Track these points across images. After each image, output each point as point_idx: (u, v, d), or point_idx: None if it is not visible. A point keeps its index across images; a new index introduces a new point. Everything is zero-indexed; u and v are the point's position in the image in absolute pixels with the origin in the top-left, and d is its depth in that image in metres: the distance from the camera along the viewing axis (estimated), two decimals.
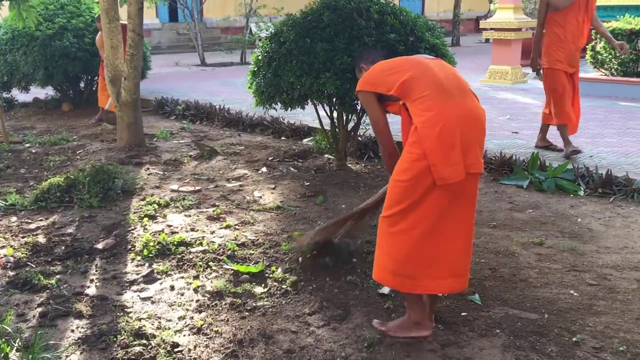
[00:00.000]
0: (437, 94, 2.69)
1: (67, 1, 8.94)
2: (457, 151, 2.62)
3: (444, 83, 2.74)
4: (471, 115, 2.72)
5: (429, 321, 2.85)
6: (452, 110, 2.66)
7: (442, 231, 2.69)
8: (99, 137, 7.22)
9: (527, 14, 12.59)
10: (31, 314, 3.06)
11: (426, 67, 2.81)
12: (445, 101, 2.68)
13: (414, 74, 2.75)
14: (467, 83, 2.85)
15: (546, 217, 4.38)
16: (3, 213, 4.55)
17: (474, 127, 2.71)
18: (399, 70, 2.80)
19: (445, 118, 2.64)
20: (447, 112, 2.65)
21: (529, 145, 6.21)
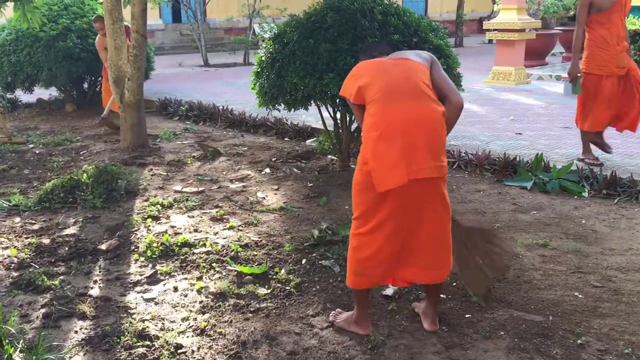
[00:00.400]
0: (385, 97, 2.68)
1: (70, 2, 8.96)
2: (397, 156, 2.58)
3: (394, 87, 2.70)
4: (418, 119, 2.64)
5: (367, 322, 2.86)
6: (397, 115, 2.63)
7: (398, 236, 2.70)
8: (102, 137, 7.23)
9: (531, 15, 12.54)
10: (35, 314, 3.06)
11: (383, 71, 2.78)
12: (390, 105, 2.66)
13: (368, 79, 2.75)
14: (423, 86, 2.72)
15: (550, 219, 4.36)
16: (7, 214, 4.56)
17: (421, 130, 2.62)
18: (358, 77, 2.80)
19: (386, 122, 2.62)
20: (390, 117, 2.63)
21: (533, 146, 6.19)
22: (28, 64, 8.41)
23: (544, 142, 6.41)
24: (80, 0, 9.16)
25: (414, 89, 2.71)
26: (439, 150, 2.67)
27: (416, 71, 2.78)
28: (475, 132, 6.94)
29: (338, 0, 5.21)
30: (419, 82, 2.73)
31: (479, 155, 5.61)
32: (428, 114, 2.66)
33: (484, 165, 5.49)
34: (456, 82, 5.23)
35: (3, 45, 8.58)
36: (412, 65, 2.81)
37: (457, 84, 5.26)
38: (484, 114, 8.16)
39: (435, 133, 2.66)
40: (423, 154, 2.60)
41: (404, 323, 2.95)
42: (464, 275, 3.16)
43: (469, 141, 6.44)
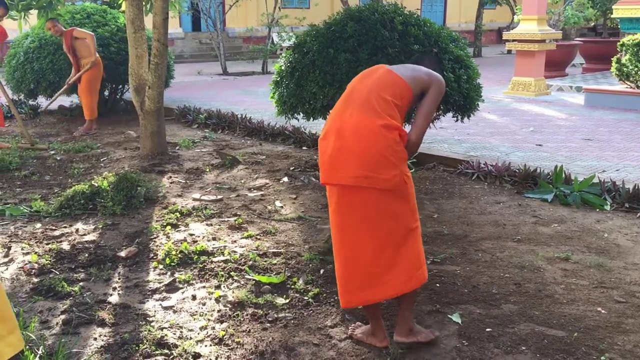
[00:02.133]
0: (338, 105, 2.81)
1: (93, 10, 9.09)
2: (327, 159, 2.71)
3: (352, 95, 2.77)
4: (352, 128, 2.66)
5: (383, 334, 2.83)
6: (336, 123, 2.73)
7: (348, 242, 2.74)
8: (122, 144, 7.29)
9: (551, 26, 12.48)
10: (54, 321, 3.08)
11: (355, 80, 2.87)
12: (337, 113, 2.77)
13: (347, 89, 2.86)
14: (376, 100, 2.70)
15: (572, 232, 4.31)
16: (28, 219, 4.60)
17: (351, 141, 2.65)
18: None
19: (326, 129, 2.76)
20: (332, 124, 2.75)
21: (553, 157, 6.13)
22: (51, 72, 8.52)
23: (565, 153, 6.35)
24: (103, 9, 9.29)
25: (365, 100, 2.72)
26: (372, 162, 2.63)
27: (382, 84, 2.78)
28: (494, 143, 6.89)
29: (358, 11, 5.22)
30: (374, 95, 2.73)
31: (498, 167, 5.56)
32: (362, 126, 2.66)
33: (504, 177, 5.44)
34: (476, 92, 5.21)
35: (26, 53, 8.70)
36: (385, 77, 2.81)
37: (477, 94, 5.23)
38: (503, 124, 8.10)
39: (369, 145, 2.64)
40: (348, 162, 2.65)
41: None
42: None
43: (488, 152, 6.40)
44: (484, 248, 4.01)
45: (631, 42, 9.22)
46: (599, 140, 6.99)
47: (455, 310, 3.15)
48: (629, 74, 9.34)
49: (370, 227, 2.70)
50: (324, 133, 2.77)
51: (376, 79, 2.80)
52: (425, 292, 3.37)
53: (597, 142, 6.90)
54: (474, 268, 3.69)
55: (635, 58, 9.15)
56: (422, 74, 2.86)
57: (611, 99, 9.43)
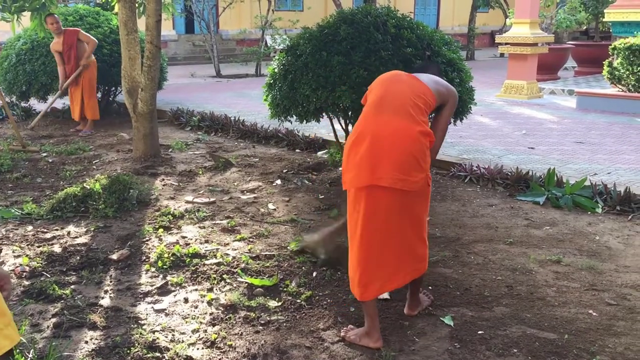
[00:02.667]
0: (371, 110, 2.91)
1: (86, 12, 9.06)
2: (358, 162, 2.80)
3: (384, 100, 2.89)
4: (389, 133, 2.79)
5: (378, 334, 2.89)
6: (370, 127, 2.84)
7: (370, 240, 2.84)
8: (115, 147, 7.26)
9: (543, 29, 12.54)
10: (45, 324, 3.06)
11: (385, 83, 2.98)
12: (371, 117, 2.88)
13: (371, 91, 3.01)
14: (410, 106, 2.86)
15: (563, 235, 4.33)
16: (19, 222, 4.58)
17: (389, 143, 2.78)
18: (370, 88, 3.05)
19: (360, 130, 2.86)
20: (365, 128, 2.85)
21: (545, 160, 6.16)
22: (43, 73, 8.49)
23: (557, 156, 6.38)
24: (95, 11, 9.26)
25: (400, 106, 2.85)
26: (404, 165, 2.77)
27: (414, 91, 2.92)
28: (487, 145, 6.92)
29: (351, 14, 5.23)
30: (409, 102, 2.87)
31: (491, 169, 5.58)
32: (400, 131, 2.80)
33: (496, 180, 5.46)
34: (469, 95, 5.22)
35: (18, 55, 8.67)
36: (415, 85, 2.96)
37: (470, 97, 5.25)
38: (495, 127, 8.13)
39: (405, 149, 2.78)
40: (385, 165, 2.76)
41: (416, 339, 2.93)
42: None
43: (480, 155, 6.42)
44: (476, 251, 4.03)
45: (623, 46, 9.27)
46: (590, 143, 7.02)
47: (447, 313, 3.16)
48: (621, 78, 9.39)
49: (393, 225, 2.84)
50: (356, 137, 2.85)
51: (408, 86, 2.95)
52: None
53: (588, 145, 6.93)
54: (466, 271, 3.70)
55: (626, 62, 9.20)
56: (442, 87, 3.07)
57: (603, 102, 9.48)
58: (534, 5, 10.88)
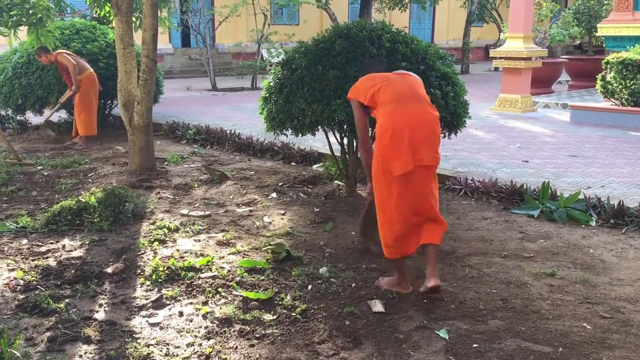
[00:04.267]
0: (395, 101, 3.40)
1: (82, 26, 9.10)
2: (405, 148, 3.31)
3: (401, 94, 3.44)
4: (420, 120, 3.39)
5: (407, 283, 3.55)
6: (403, 117, 3.35)
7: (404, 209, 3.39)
8: (110, 160, 7.26)
9: (537, 44, 12.64)
10: (40, 338, 3.05)
11: (393, 81, 3.53)
12: (399, 108, 3.37)
13: (381, 86, 3.47)
14: (423, 94, 3.55)
15: (558, 248, 4.34)
16: (14, 235, 4.57)
17: (422, 129, 3.37)
18: (373, 85, 3.51)
19: (395, 123, 3.34)
20: (398, 118, 3.35)
21: (540, 174, 6.19)
22: (39, 87, 8.51)
23: (551, 170, 6.41)
24: (92, 25, 9.30)
25: (416, 95, 3.49)
26: (435, 144, 3.44)
27: (417, 82, 3.63)
28: (481, 159, 6.95)
29: (347, 28, 5.27)
30: (422, 92, 3.55)
31: (485, 183, 5.60)
32: (427, 116, 3.44)
33: (491, 193, 5.49)
34: (463, 109, 5.26)
35: (15, 68, 8.69)
36: (418, 80, 3.67)
37: (464, 111, 5.28)
38: (490, 141, 8.17)
39: (433, 131, 3.43)
40: (423, 148, 3.35)
41: (411, 352, 2.93)
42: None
43: (475, 168, 6.45)
44: (471, 264, 4.04)
45: (615, 60, 9.36)
46: (584, 157, 7.07)
47: (442, 326, 3.16)
48: (614, 92, 9.47)
49: (426, 195, 3.43)
50: (393, 131, 3.31)
51: (414, 80, 3.62)
52: (413, 308, 3.38)
53: (582, 159, 6.97)
54: (461, 284, 3.71)
55: (619, 76, 9.28)
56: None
57: (596, 115, 9.55)
58: (527, 20, 10.99)
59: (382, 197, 3.45)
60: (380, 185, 3.45)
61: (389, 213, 3.42)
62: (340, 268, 3.93)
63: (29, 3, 6.79)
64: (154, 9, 6.13)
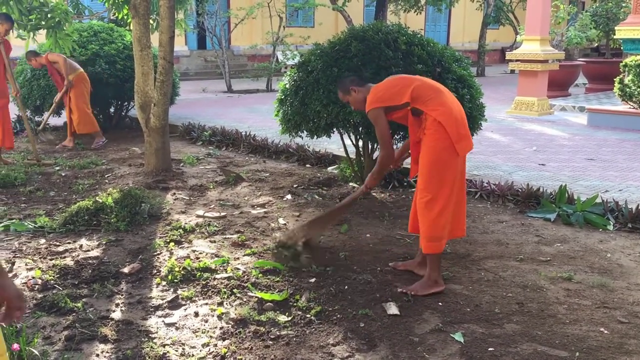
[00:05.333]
0: (438, 94, 3.57)
1: (100, 28, 9.19)
2: (466, 130, 3.56)
3: (436, 86, 3.64)
4: (460, 109, 3.62)
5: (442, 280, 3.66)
6: (452, 104, 3.56)
7: (456, 196, 3.58)
8: (127, 161, 7.32)
9: (554, 46, 12.55)
10: (57, 337, 3.08)
11: (418, 78, 3.71)
12: (444, 98, 3.55)
13: (416, 84, 3.59)
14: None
15: (575, 252, 4.31)
16: (32, 235, 4.62)
17: (463, 117, 3.61)
18: (404, 84, 3.62)
19: (451, 109, 3.52)
20: (451, 105, 3.54)
21: (556, 177, 6.14)
22: (57, 88, 8.59)
23: (568, 173, 6.36)
24: (110, 27, 9.39)
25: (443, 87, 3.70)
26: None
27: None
28: (497, 162, 6.91)
29: (362, 30, 5.28)
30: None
31: (501, 186, 5.57)
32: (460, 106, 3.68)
33: (507, 196, 5.46)
34: (479, 112, 5.24)
35: (33, 70, 8.79)
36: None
37: (480, 113, 5.26)
38: (506, 144, 8.13)
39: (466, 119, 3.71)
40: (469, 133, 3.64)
41: (426, 355, 2.92)
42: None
43: (491, 171, 6.42)
44: (486, 267, 4.02)
45: (634, 63, 9.27)
46: (601, 160, 7.00)
47: (457, 330, 3.15)
48: (632, 95, 9.37)
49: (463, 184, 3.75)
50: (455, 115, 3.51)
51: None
52: (428, 311, 3.37)
53: (600, 162, 6.91)
54: (477, 287, 3.69)
55: (637, 78, 9.18)
56: None
57: (614, 119, 9.46)
58: (544, 22, 10.92)
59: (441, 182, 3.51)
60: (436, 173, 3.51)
61: (443, 201, 3.51)
62: (355, 270, 3.93)
63: (48, 6, 6.88)
64: (170, 11, 6.17)
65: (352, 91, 3.84)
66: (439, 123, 3.47)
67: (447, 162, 3.50)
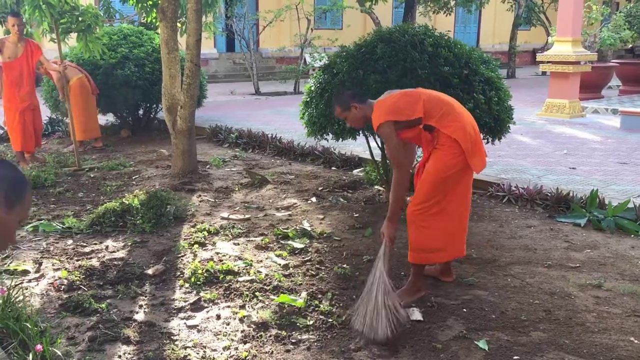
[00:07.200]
0: (450, 109, 3.41)
1: (129, 32, 9.30)
2: (480, 146, 3.44)
3: (445, 99, 3.49)
4: (473, 123, 3.49)
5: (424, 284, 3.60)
6: (465, 119, 3.42)
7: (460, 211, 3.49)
8: (154, 163, 7.40)
9: (586, 47, 12.30)
10: (81, 337, 3.11)
11: (423, 92, 3.54)
12: (458, 113, 3.41)
13: (425, 98, 3.44)
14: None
15: (605, 258, 4.19)
16: (60, 236, 4.69)
17: (477, 131, 3.49)
18: (413, 98, 3.45)
19: (464, 124, 3.37)
20: (465, 120, 3.40)
21: (587, 181, 6.01)
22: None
23: (599, 177, 6.21)
24: (139, 30, 9.50)
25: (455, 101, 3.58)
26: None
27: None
28: (526, 165, 6.79)
29: (389, 32, 5.22)
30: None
31: (530, 190, 5.47)
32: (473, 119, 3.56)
33: (536, 200, 5.35)
34: (507, 114, 5.14)
35: None
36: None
37: (508, 116, 5.17)
38: (536, 147, 7.98)
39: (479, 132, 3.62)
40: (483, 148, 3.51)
41: None
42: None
43: (519, 175, 6.30)
44: (513, 273, 3.94)
45: None
46: (635, 164, 6.82)
47: (482, 337, 3.09)
48: None
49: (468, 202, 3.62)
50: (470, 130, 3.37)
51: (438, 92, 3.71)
52: (452, 317, 3.31)
53: (633, 166, 6.73)
54: (503, 293, 3.62)
55: None
56: None
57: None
58: (576, 23, 10.71)
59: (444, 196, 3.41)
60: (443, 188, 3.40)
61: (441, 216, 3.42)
62: None
63: (78, 10, 6.99)
64: (198, 14, 6.22)
65: (353, 107, 3.60)
66: (454, 140, 3.34)
67: (455, 177, 3.39)
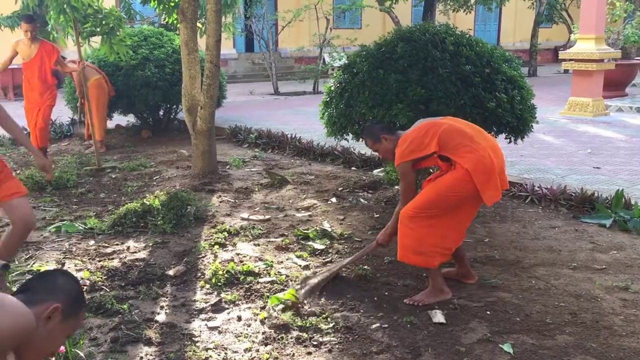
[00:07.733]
0: (468, 140, 3.41)
1: (150, 33, 9.35)
2: (496, 179, 3.40)
3: (466, 131, 3.48)
4: (494, 147, 3.48)
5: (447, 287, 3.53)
6: (485, 150, 3.39)
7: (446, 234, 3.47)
8: (174, 163, 7.42)
9: (610, 45, 12.11)
10: (103, 338, 3.12)
11: (446, 122, 3.54)
12: (476, 144, 3.40)
13: (443, 128, 3.46)
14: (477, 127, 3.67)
15: (632, 260, 4.11)
16: (82, 236, 4.72)
17: (498, 156, 3.47)
18: (432, 132, 3.45)
19: (482, 157, 3.36)
20: (483, 152, 3.37)
21: (612, 181, 5.90)
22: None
23: (625, 177, 6.10)
24: (159, 32, 9.55)
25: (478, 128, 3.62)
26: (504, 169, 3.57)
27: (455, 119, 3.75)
28: (549, 165, 6.69)
29: (409, 31, 5.18)
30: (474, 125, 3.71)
31: (553, 190, 5.38)
32: (496, 143, 3.60)
33: (559, 201, 5.27)
34: (530, 113, 5.07)
35: None
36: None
37: (531, 115, 5.09)
38: (559, 146, 7.87)
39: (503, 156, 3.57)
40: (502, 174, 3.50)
41: None
42: None
43: (542, 174, 6.21)
44: (537, 275, 3.87)
45: None
46: None
47: (506, 340, 3.04)
48: None
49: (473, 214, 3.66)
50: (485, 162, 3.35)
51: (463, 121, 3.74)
52: (475, 320, 3.27)
53: None
54: (527, 296, 3.56)
55: None
56: None
57: None
58: (599, 20, 10.54)
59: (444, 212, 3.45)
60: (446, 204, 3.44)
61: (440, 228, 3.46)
62: (400, 276, 3.85)
63: (102, 13, 7.04)
64: (217, 15, 6.22)
65: (384, 139, 3.69)
66: (467, 170, 3.36)
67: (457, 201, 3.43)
